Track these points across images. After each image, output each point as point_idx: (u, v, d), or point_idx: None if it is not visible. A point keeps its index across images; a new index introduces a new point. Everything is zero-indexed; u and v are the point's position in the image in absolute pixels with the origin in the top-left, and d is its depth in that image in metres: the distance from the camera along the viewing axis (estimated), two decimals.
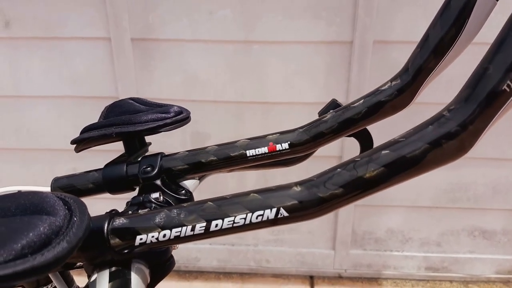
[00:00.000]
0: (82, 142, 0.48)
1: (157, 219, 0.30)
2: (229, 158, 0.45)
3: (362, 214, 1.69)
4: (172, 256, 0.37)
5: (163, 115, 0.47)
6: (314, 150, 0.49)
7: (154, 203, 0.40)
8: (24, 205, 0.26)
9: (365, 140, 0.51)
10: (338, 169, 0.28)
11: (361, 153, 0.56)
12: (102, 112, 0.54)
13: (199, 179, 0.54)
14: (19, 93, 1.54)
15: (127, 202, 0.43)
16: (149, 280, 0.34)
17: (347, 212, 1.66)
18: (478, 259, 1.71)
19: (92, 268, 0.32)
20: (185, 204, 0.31)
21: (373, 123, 0.46)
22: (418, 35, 1.58)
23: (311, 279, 1.77)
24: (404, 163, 0.27)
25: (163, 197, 0.41)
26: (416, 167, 0.27)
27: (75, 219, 0.26)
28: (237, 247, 1.75)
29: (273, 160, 0.46)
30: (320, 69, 1.47)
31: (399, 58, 1.44)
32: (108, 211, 0.39)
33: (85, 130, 0.48)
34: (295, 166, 0.60)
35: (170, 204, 0.42)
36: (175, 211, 0.30)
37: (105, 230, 0.30)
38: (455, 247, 1.72)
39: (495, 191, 1.61)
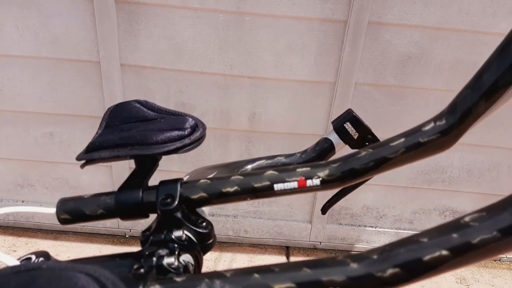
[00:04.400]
0: (91, 162, 0.43)
1: None
2: (253, 189, 0.42)
3: None
4: None
5: (180, 132, 0.43)
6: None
7: (177, 243, 0.38)
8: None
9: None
10: (400, 249, 0.27)
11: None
12: (104, 115, 0.50)
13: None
14: None
15: (143, 232, 0.41)
16: None
17: None
18: None
19: None
20: (228, 274, 0.29)
21: (409, 163, 0.43)
22: (413, 19, 1.57)
23: (287, 249, 1.82)
24: (471, 249, 0.25)
25: (185, 235, 0.39)
26: (482, 253, 0.25)
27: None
28: (216, 217, 1.76)
29: (301, 194, 0.44)
30: (312, 47, 1.43)
31: (392, 40, 1.42)
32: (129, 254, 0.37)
33: (93, 146, 0.43)
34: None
35: (192, 242, 0.40)
36: (218, 283, 0.28)
37: None
38: (426, 225, 1.79)
39: (470, 175, 1.67)
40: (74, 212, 0.42)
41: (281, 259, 1.75)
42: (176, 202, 0.40)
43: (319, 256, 1.78)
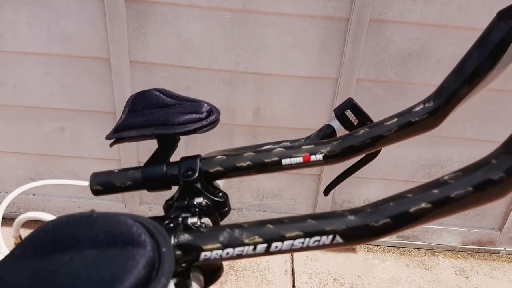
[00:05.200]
0: (120, 141, 0.49)
1: (221, 238, 0.33)
2: (264, 164, 0.47)
3: (342, 184, 1.76)
4: (221, 264, 0.40)
5: (198, 115, 0.49)
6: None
7: (198, 208, 0.43)
8: (112, 235, 0.28)
9: (372, 153, 0.55)
10: (390, 203, 0.32)
11: (362, 161, 0.60)
12: (126, 102, 0.55)
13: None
14: (4, 49, 1.49)
15: (167, 201, 0.46)
16: (203, 286, 0.38)
17: (329, 182, 1.73)
18: (446, 230, 1.84)
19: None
20: (245, 225, 0.34)
21: (401, 140, 0.49)
22: (413, 16, 1.62)
23: None
24: (449, 202, 0.30)
25: (205, 202, 0.45)
26: (459, 206, 0.30)
27: (164, 249, 0.28)
28: None
29: (306, 168, 0.49)
30: (315, 43, 1.48)
31: (393, 37, 1.46)
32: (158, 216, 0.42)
33: (121, 127, 0.49)
34: None
35: (210, 208, 0.45)
36: (237, 231, 0.33)
37: (172, 243, 0.33)
38: None
39: None
40: (105, 184, 0.47)
41: None
42: (197, 174, 0.45)
43: (322, 250, 1.83)
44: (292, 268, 1.71)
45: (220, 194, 0.47)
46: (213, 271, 0.39)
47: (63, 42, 1.48)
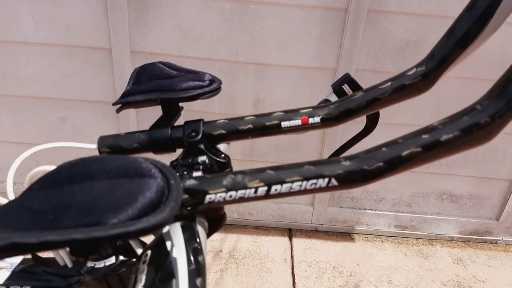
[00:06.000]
0: (126, 106, 0.51)
1: (225, 182, 0.35)
2: (264, 127, 0.50)
3: None
4: (225, 213, 0.42)
5: (200, 83, 0.51)
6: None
7: (202, 165, 0.46)
8: (123, 168, 0.30)
9: (373, 120, 0.57)
10: (383, 148, 0.34)
11: (363, 131, 0.62)
12: (131, 75, 0.57)
13: (228, 143, 0.59)
14: (7, 39, 1.51)
15: (171, 162, 0.49)
16: (207, 232, 0.40)
17: None
18: (444, 220, 1.86)
19: None
20: (247, 171, 0.36)
21: (396, 103, 0.51)
22: (411, 7, 1.64)
23: (290, 231, 1.89)
24: (438, 146, 0.32)
25: (208, 160, 0.47)
26: (447, 150, 0.32)
27: (172, 182, 0.30)
28: None
29: (304, 131, 0.51)
30: (314, 34, 1.49)
31: (391, 28, 1.48)
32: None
33: (128, 93, 0.51)
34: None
35: (214, 167, 0.47)
36: (240, 176, 0.35)
37: (179, 179, 0.35)
38: (424, 208, 1.86)
39: (466, 159, 1.73)
40: (113, 147, 0.49)
41: (284, 240, 1.82)
42: (200, 136, 0.48)
43: (321, 239, 1.85)
44: (292, 257, 1.73)
45: (223, 155, 0.49)
46: (216, 218, 0.41)
47: (65, 32, 1.50)
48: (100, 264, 0.45)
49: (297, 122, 0.50)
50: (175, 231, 0.36)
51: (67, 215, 0.26)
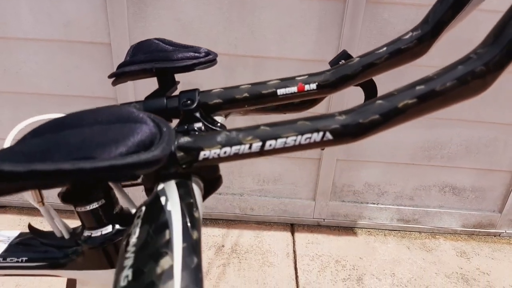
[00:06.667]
0: (122, 76, 0.51)
1: (219, 138, 0.35)
2: (260, 95, 0.49)
3: (342, 168, 1.78)
4: (220, 175, 0.42)
5: (196, 54, 0.51)
6: (325, 96, 0.54)
7: (197, 131, 0.45)
8: (116, 116, 0.30)
9: (370, 90, 0.57)
10: (378, 101, 0.33)
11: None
12: (128, 51, 0.57)
13: (225, 117, 0.59)
14: (7, 35, 1.51)
15: None
16: (203, 193, 0.39)
17: (329, 166, 1.75)
18: (446, 213, 1.85)
19: (154, 180, 0.37)
20: (241, 128, 0.36)
21: (392, 68, 0.51)
22: None
23: (292, 226, 1.88)
24: (434, 96, 0.32)
25: (204, 127, 0.46)
26: (443, 100, 0.32)
27: (165, 129, 0.30)
28: (223, 195, 1.82)
29: (300, 99, 0.51)
30: (313, 25, 1.49)
31: (389, 19, 1.48)
32: None
33: (123, 65, 0.51)
34: None
35: None
36: (234, 133, 0.35)
37: (173, 146, 0.35)
38: (426, 201, 1.85)
39: (468, 151, 1.72)
40: None
41: (286, 235, 1.81)
42: (196, 104, 0.47)
43: (323, 233, 1.84)
44: (294, 251, 1.72)
45: (219, 124, 0.49)
46: (212, 180, 0.41)
47: (65, 27, 1.50)
48: (96, 233, 0.45)
49: (293, 89, 0.49)
50: (170, 187, 0.35)
51: (58, 153, 0.25)
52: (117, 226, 0.45)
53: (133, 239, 0.31)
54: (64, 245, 0.47)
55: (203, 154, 0.35)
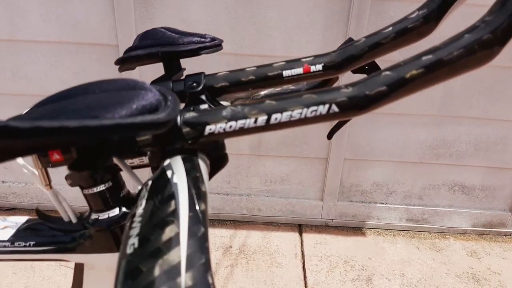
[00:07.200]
0: (128, 61, 0.51)
1: (224, 113, 0.35)
2: (266, 77, 0.49)
3: (350, 168, 1.77)
4: (226, 154, 0.42)
5: (201, 39, 0.51)
6: (333, 79, 0.53)
7: None
8: (121, 84, 0.30)
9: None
10: (385, 72, 0.33)
11: None
12: (135, 40, 0.57)
13: (231, 103, 0.59)
14: (16, 37, 1.53)
15: None
16: (209, 170, 0.39)
17: (336, 165, 1.74)
18: (456, 213, 1.83)
19: (161, 156, 0.37)
20: (247, 102, 0.35)
21: (399, 48, 0.50)
22: None
23: (300, 227, 1.87)
24: (441, 65, 0.32)
25: (209, 108, 0.46)
26: (450, 70, 0.32)
27: (170, 97, 0.30)
28: (231, 196, 1.82)
29: (306, 81, 0.51)
30: (319, 24, 1.50)
31: (396, 16, 1.47)
32: None
33: (129, 50, 0.51)
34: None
35: None
36: (239, 107, 0.35)
37: (179, 122, 0.35)
38: (436, 201, 1.83)
39: (477, 149, 1.70)
40: None
41: (294, 236, 1.80)
42: (201, 86, 0.47)
43: (331, 234, 1.83)
44: (302, 252, 1.71)
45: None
46: (218, 158, 0.40)
47: (73, 30, 1.52)
48: (103, 216, 0.45)
49: (299, 70, 0.49)
50: (176, 162, 0.35)
51: (64, 115, 0.26)
52: (124, 209, 0.45)
53: (139, 210, 0.31)
54: (72, 229, 0.47)
55: (208, 128, 0.35)
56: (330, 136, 0.71)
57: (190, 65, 0.61)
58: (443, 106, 1.61)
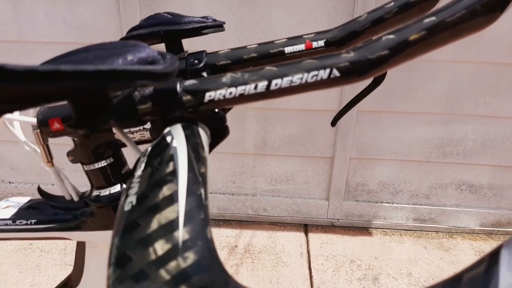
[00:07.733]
0: (130, 39, 0.51)
1: (224, 79, 0.35)
2: (268, 54, 0.49)
3: (356, 167, 1.76)
4: (227, 126, 0.42)
5: (203, 20, 0.51)
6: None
7: None
8: (121, 43, 0.30)
9: (379, 79, 0.56)
10: (386, 36, 0.33)
11: (371, 83, 0.61)
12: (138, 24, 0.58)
13: None
14: (23, 38, 1.55)
15: None
16: (209, 141, 0.39)
17: (342, 164, 1.74)
18: (463, 212, 1.81)
19: (161, 127, 0.37)
20: (247, 69, 0.35)
21: (402, 23, 0.50)
22: None
23: (305, 227, 1.86)
24: (443, 27, 0.31)
25: None
26: (453, 32, 0.32)
27: (168, 56, 0.30)
28: (236, 196, 1.82)
29: (309, 56, 0.50)
30: (323, 22, 1.50)
31: None
32: None
33: (132, 29, 0.52)
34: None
35: None
36: (239, 74, 0.35)
37: (178, 89, 0.35)
38: (443, 200, 1.81)
39: (484, 147, 1.69)
40: None
41: (300, 235, 1.79)
42: (203, 64, 0.47)
43: (337, 234, 1.82)
44: (308, 251, 1.70)
45: None
46: (219, 129, 0.40)
47: (79, 30, 1.54)
48: (105, 192, 0.45)
49: (301, 46, 0.49)
50: (176, 129, 0.35)
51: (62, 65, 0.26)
52: (125, 186, 0.45)
53: (138, 172, 0.31)
54: (74, 207, 0.47)
55: (208, 95, 0.35)
56: (334, 123, 0.70)
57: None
58: (449, 104, 1.60)
